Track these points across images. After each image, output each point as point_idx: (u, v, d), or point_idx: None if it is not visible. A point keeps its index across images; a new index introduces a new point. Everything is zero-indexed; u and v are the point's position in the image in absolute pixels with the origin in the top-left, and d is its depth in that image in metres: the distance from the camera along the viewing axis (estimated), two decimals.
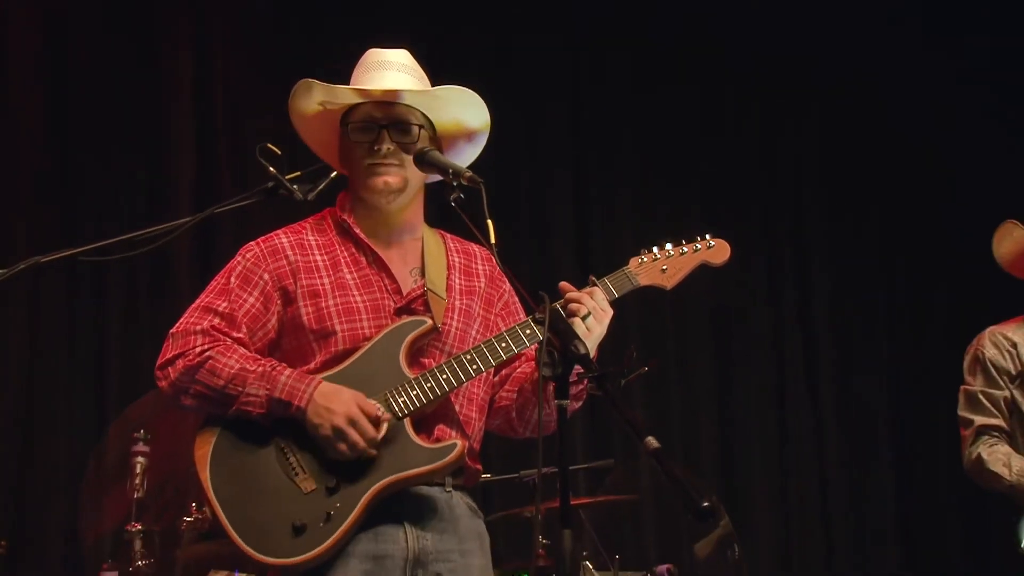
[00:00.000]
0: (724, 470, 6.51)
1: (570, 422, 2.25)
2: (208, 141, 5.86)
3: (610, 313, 2.61)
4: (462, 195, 2.47)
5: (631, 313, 5.99)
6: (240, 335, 2.59)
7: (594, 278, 2.66)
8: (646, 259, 2.74)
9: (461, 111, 2.74)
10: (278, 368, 2.52)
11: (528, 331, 2.57)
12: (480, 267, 2.80)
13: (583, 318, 2.55)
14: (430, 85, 2.74)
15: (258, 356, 2.56)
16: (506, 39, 6.46)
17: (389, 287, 2.65)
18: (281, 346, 2.64)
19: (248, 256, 2.66)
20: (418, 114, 2.68)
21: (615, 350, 4.41)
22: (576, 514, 4.72)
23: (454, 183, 2.48)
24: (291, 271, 2.63)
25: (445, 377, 2.53)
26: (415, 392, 2.52)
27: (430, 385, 2.52)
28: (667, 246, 2.76)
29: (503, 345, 2.56)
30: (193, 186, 5.74)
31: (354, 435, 2.44)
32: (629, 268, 2.72)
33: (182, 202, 5.64)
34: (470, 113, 2.75)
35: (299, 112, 2.73)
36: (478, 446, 2.70)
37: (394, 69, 2.69)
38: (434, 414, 2.58)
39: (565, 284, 2.63)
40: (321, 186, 2.70)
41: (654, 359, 4.77)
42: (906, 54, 6.73)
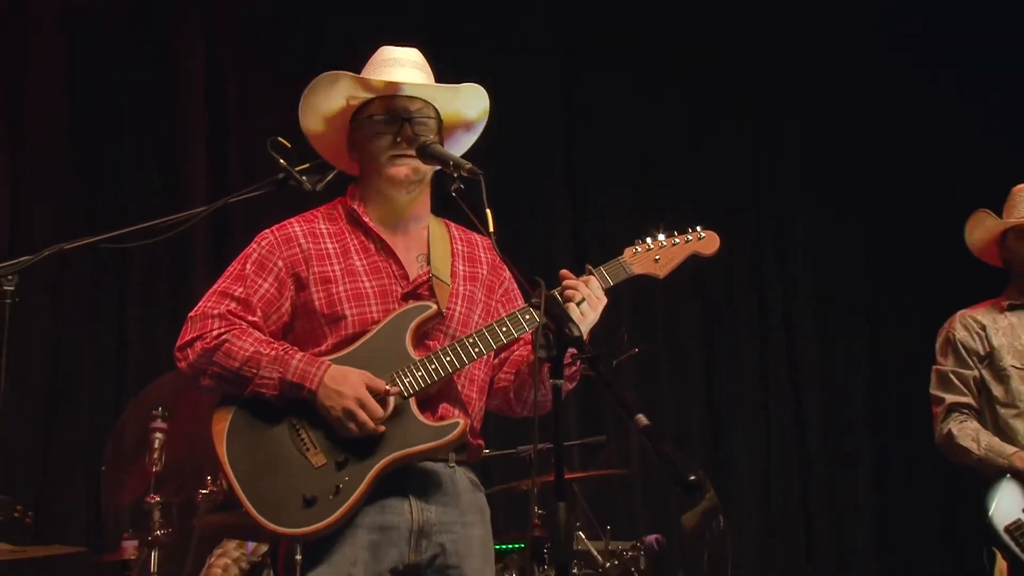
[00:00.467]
0: (710, 447, 6.53)
1: (564, 401, 2.26)
2: (220, 135, 5.86)
3: (604, 301, 2.61)
4: (462, 186, 2.48)
5: (624, 301, 6.00)
6: (255, 319, 2.59)
7: (590, 267, 2.67)
8: (640, 249, 2.73)
9: (465, 104, 2.75)
10: (290, 352, 2.52)
11: (527, 316, 2.57)
12: (482, 255, 2.79)
13: (578, 304, 2.56)
14: (434, 81, 2.74)
15: (272, 340, 2.56)
16: (506, 39, 6.45)
17: (396, 273, 2.65)
18: (294, 329, 2.64)
19: (263, 244, 2.66)
20: (432, 108, 2.69)
21: (608, 335, 4.43)
22: (570, 487, 4.74)
23: (455, 174, 2.49)
24: (304, 258, 2.63)
25: (449, 359, 2.54)
26: (420, 373, 2.53)
27: (435, 366, 2.53)
28: (660, 237, 2.76)
29: (503, 329, 2.56)
30: (207, 177, 5.75)
31: (362, 415, 2.45)
32: (624, 257, 2.72)
33: (196, 193, 5.64)
34: (472, 105, 2.76)
35: (315, 106, 2.70)
36: (479, 424, 2.70)
37: (408, 66, 2.69)
38: (438, 394, 2.59)
39: (565, 272, 2.63)
40: (329, 177, 2.72)
41: (644, 343, 4.79)
42: (882, 49, 6.72)
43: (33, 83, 5.58)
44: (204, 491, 4.12)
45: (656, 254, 2.74)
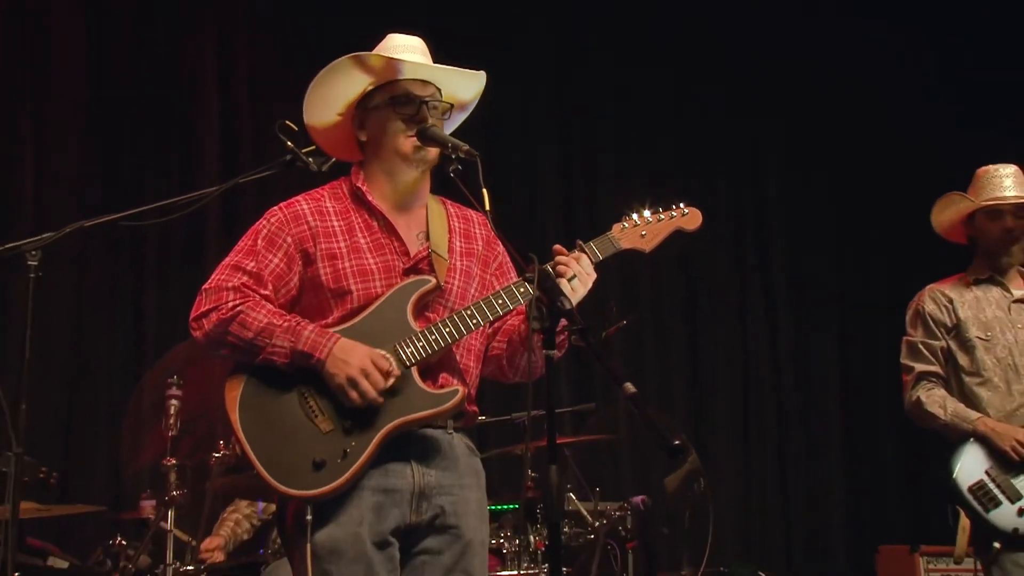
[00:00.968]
0: (693, 413, 6.55)
1: (556, 371, 2.26)
2: (231, 117, 5.84)
3: (594, 277, 2.60)
4: (460, 166, 2.47)
5: (612, 277, 6.00)
6: (267, 292, 2.58)
7: (581, 242, 2.66)
8: (627, 225, 2.72)
9: (465, 88, 2.74)
10: (302, 323, 2.52)
11: (522, 289, 2.56)
12: (477, 231, 2.78)
13: (569, 280, 2.55)
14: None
15: (283, 312, 2.56)
16: (506, 39, 6.42)
17: (398, 250, 2.63)
18: (301, 302, 2.63)
19: (272, 220, 2.64)
20: (440, 92, 2.68)
21: (597, 309, 4.42)
22: (561, 452, 4.73)
23: (452, 156, 2.49)
24: (311, 235, 2.61)
25: (448, 330, 2.53)
26: (421, 343, 2.52)
27: (434, 337, 2.52)
28: (646, 213, 2.75)
29: (500, 302, 2.56)
30: (218, 158, 5.73)
31: (365, 384, 2.44)
32: (612, 233, 2.71)
33: (209, 173, 5.62)
34: (471, 89, 2.76)
35: (332, 88, 2.65)
36: (475, 392, 2.70)
37: (418, 52, 2.68)
38: (438, 363, 2.58)
39: (558, 247, 2.62)
40: (333, 159, 2.73)
41: (631, 315, 4.79)
42: (852, 37, 6.71)
43: (53, 73, 5.54)
44: (217, 455, 4.12)
45: (643, 229, 2.73)
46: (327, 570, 2.43)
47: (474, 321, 2.54)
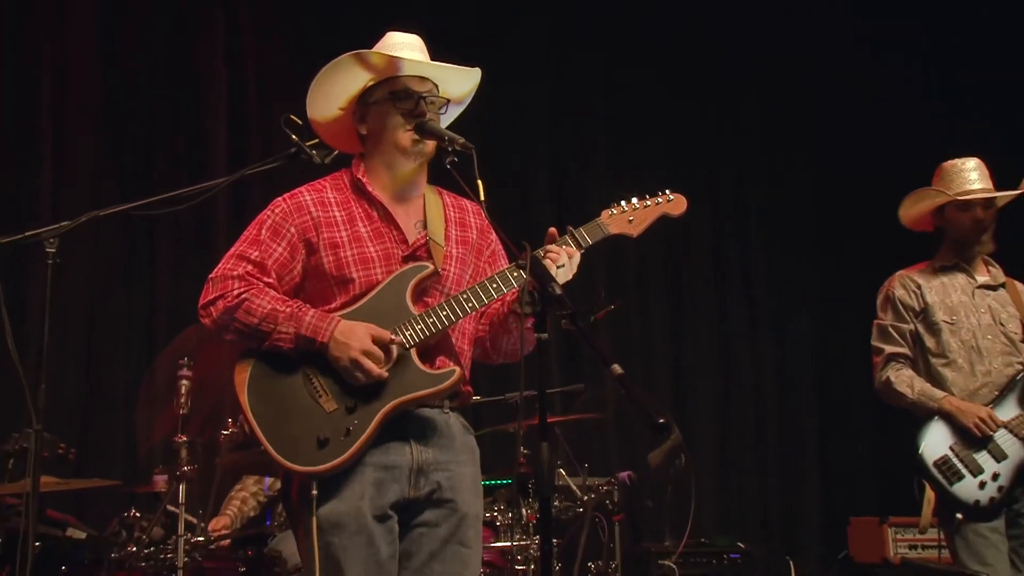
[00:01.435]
0: (675, 392, 6.56)
1: (547, 353, 2.25)
2: (239, 111, 5.82)
3: (577, 261, 2.59)
4: (456, 159, 2.46)
5: (599, 262, 6.00)
6: (271, 280, 2.57)
7: (571, 228, 2.65)
8: (615, 211, 2.71)
9: (460, 84, 2.73)
10: (304, 309, 2.51)
11: (515, 274, 2.55)
12: (472, 220, 2.77)
13: (559, 267, 2.54)
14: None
15: (287, 298, 2.55)
16: (500, 40, 6.40)
17: (397, 238, 2.63)
18: (305, 289, 2.62)
19: (277, 211, 2.63)
20: (436, 87, 2.66)
21: (586, 293, 4.41)
22: (552, 430, 4.75)
23: (449, 148, 2.48)
24: (314, 225, 2.60)
25: (445, 314, 2.53)
26: (420, 326, 2.52)
27: (433, 320, 2.52)
28: (633, 199, 2.73)
29: (494, 286, 2.55)
30: (227, 151, 5.71)
31: (367, 363, 2.44)
32: (601, 219, 2.70)
33: (217, 165, 5.60)
34: (466, 84, 2.74)
35: (334, 84, 2.63)
36: (469, 373, 2.69)
37: (417, 50, 2.67)
38: (435, 345, 2.57)
39: (553, 231, 2.62)
40: (335, 152, 2.72)
41: (619, 300, 4.77)
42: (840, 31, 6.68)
43: (68, 68, 5.51)
44: (225, 432, 4.12)
45: (630, 215, 2.72)
46: (330, 542, 2.43)
47: (470, 304, 2.54)
